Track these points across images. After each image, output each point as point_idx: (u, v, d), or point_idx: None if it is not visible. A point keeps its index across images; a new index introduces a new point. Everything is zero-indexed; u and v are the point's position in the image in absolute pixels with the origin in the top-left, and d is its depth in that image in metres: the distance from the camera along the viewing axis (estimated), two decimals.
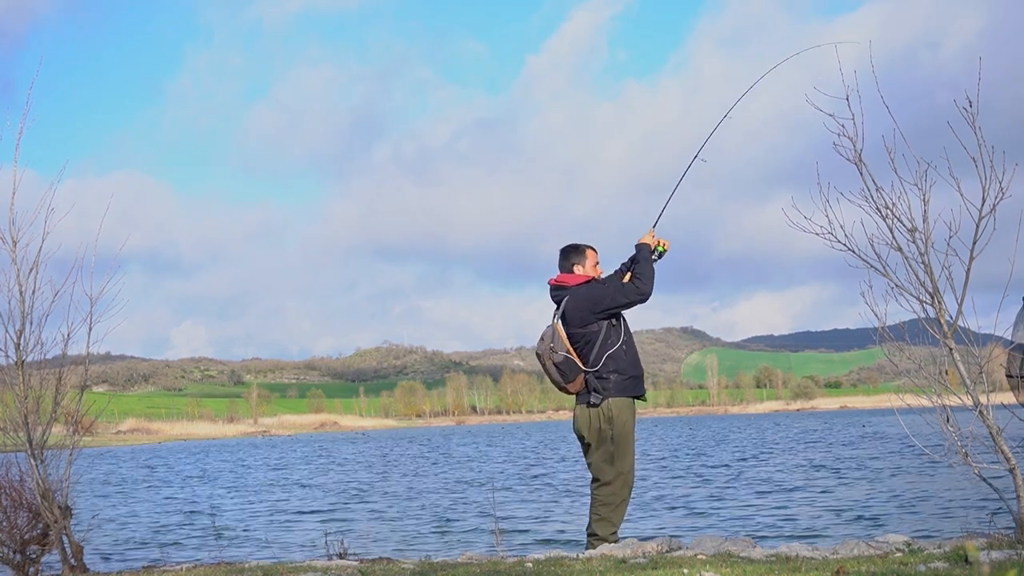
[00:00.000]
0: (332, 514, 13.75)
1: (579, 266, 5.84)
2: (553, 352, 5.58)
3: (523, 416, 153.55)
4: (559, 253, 5.95)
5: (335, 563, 5.55)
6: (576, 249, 5.91)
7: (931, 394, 4.83)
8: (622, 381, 5.58)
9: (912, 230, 4.75)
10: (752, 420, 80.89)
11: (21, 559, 5.56)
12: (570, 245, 5.94)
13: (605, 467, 5.56)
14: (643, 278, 5.69)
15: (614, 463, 5.56)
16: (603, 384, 5.56)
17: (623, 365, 5.60)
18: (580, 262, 5.85)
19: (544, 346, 5.65)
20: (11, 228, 5.63)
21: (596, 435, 5.57)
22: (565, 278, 5.82)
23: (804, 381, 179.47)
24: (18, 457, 5.67)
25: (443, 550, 8.98)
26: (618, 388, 5.56)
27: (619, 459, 5.57)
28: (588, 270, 5.84)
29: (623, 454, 5.58)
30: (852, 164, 4.90)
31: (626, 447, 5.59)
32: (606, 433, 5.54)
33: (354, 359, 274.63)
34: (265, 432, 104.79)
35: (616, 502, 5.56)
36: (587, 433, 5.62)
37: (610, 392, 5.55)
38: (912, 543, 4.89)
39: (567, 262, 5.88)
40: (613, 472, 5.55)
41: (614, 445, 5.55)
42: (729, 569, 4.22)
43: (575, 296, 5.67)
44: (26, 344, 5.64)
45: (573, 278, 5.79)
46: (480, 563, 5.11)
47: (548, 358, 5.61)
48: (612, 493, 5.56)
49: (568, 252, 5.91)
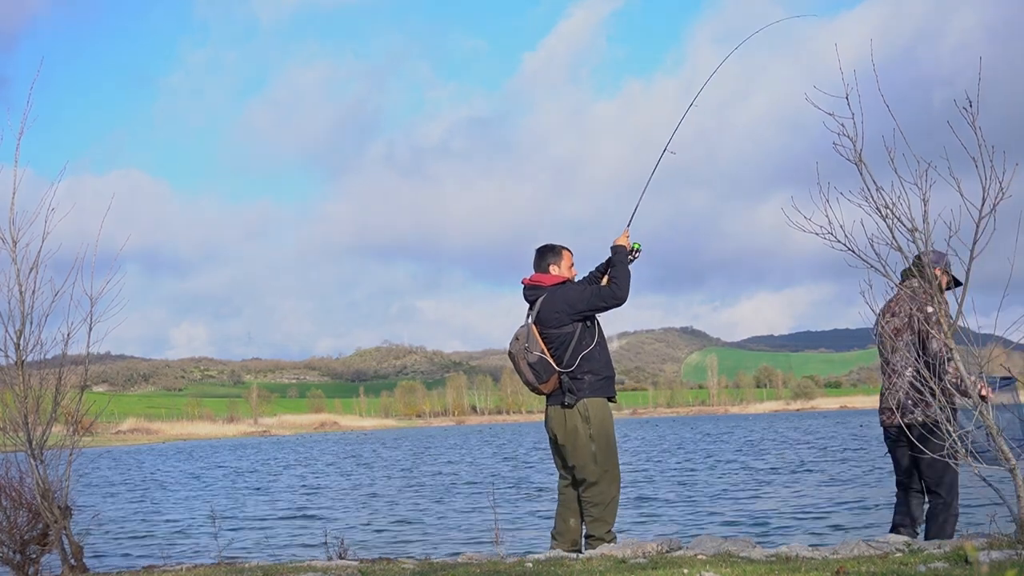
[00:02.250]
0: (332, 514, 13.75)
1: (555, 266, 5.82)
2: (527, 352, 5.57)
3: (523, 416, 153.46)
4: (535, 253, 5.92)
5: (335, 563, 5.54)
6: (552, 249, 5.89)
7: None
8: (596, 381, 5.57)
9: (912, 230, 4.75)
10: (752, 420, 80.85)
11: (21, 559, 5.56)
12: (546, 245, 5.92)
13: (590, 467, 5.54)
14: (619, 282, 5.66)
15: (598, 462, 5.54)
16: (577, 384, 5.54)
17: (597, 366, 5.60)
18: (556, 262, 5.83)
19: (519, 346, 5.63)
20: (11, 228, 5.63)
21: (572, 435, 5.56)
22: (540, 278, 5.79)
23: (804, 381, 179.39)
24: (18, 457, 5.67)
25: (443, 550, 8.98)
26: (592, 388, 5.56)
27: (603, 458, 5.55)
28: (563, 271, 5.82)
29: (606, 453, 5.57)
30: (852, 164, 4.90)
31: (608, 445, 5.59)
32: (583, 432, 5.53)
33: (354, 359, 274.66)
34: (265, 432, 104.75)
35: (606, 501, 5.55)
36: (560, 433, 5.61)
37: (584, 393, 5.54)
38: (912, 543, 4.89)
39: (543, 262, 5.85)
40: (598, 471, 5.54)
41: (595, 444, 5.54)
42: (729, 569, 4.22)
43: (552, 297, 5.65)
44: (26, 344, 5.64)
45: (549, 278, 5.76)
46: (480, 563, 5.11)
47: (522, 358, 5.60)
48: (601, 492, 5.55)
49: (544, 252, 5.89)
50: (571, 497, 5.74)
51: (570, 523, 5.71)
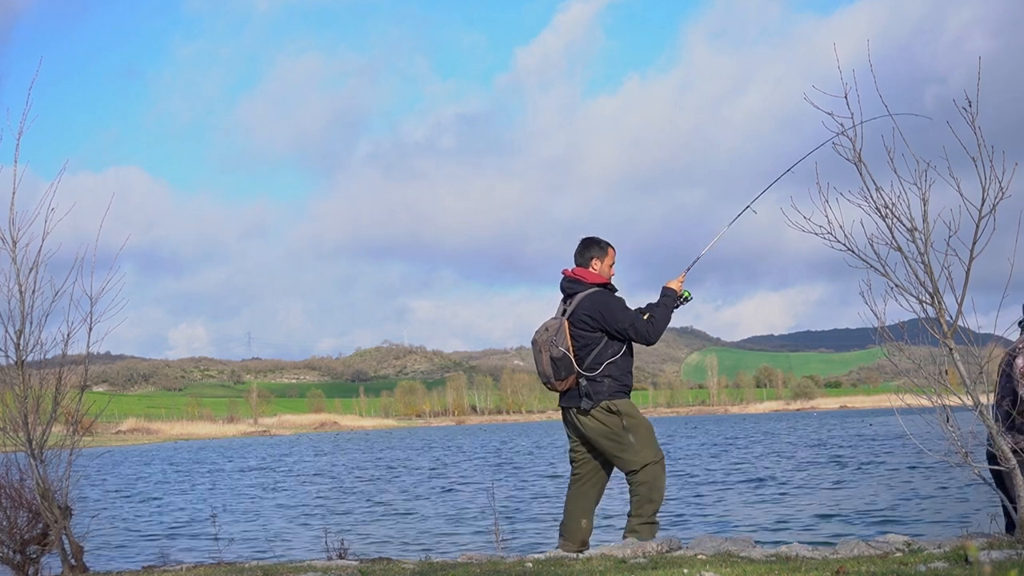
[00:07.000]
0: (332, 514, 13.74)
1: (597, 261, 5.70)
2: (553, 345, 5.49)
3: (523, 416, 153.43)
4: (579, 243, 5.77)
5: (335, 563, 5.54)
6: (598, 244, 5.74)
7: (931, 394, 4.83)
8: (614, 386, 5.52)
9: (912, 230, 4.75)
10: (751, 420, 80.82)
11: (21, 559, 5.55)
12: (592, 238, 5.77)
13: (632, 458, 5.47)
14: (657, 324, 5.58)
15: (638, 451, 5.47)
16: (596, 388, 5.49)
17: (618, 373, 5.55)
18: (599, 257, 5.70)
19: (546, 336, 5.54)
20: (11, 228, 5.63)
21: (605, 432, 5.49)
22: (583, 273, 5.66)
23: (804, 381, 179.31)
24: (18, 457, 5.67)
25: (443, 550, 8.98)
26: (610, 393, 5.50)
27: (642, 445, 5.48)
28: (604, 269, 5.70)
29: (646, 439, 5.50)
30: (851, 164, 4.90)
31: (645, 431, 5.52)
32: (617, 427, 5.47)
33: (354, 359, 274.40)
34: (265, 432, 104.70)
35: (652, 479, 5.46)
36: (592, 433, 5.54)
37: (603, 396, 5.49)
38: (912, 543, 4.89)
39: (586, 254, 5.72)
40: (641, 459, 5.46)
41: (631, 434, 5.47)
42: (729, 569, 4.22)
43: (591, 300, 5.54)
44: (26, 344, 5.63)
45: (590, 276, 5.64)
46: (480, 563, 5.11)
47: (546, 349, 5.52)
48: (647, 473, 5.46)
49: (589, 244, 5.74)
50: (585, 497, 5.66)
51: (581, 523, 5.63)
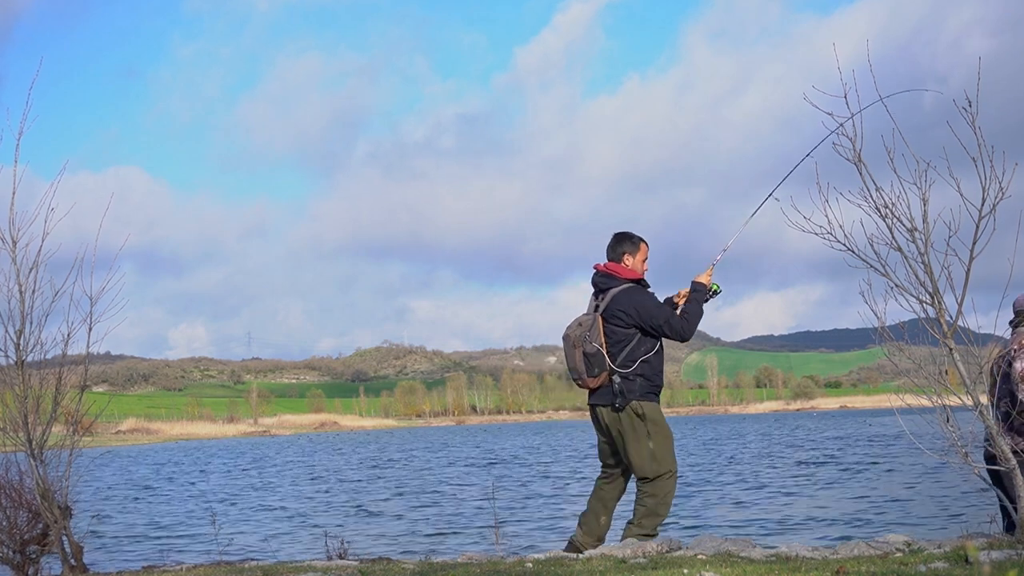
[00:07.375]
0: (332, 514, 13.75)
1: (629, 256, 5.66)
2: (587, 341, 5.44)
3: (523, 416, 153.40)
4: (611, 238, 5.73)
5: (335, 563, 5.54)
6: (630, 239, 5.69)
7: (931, 394, 4.83)
8: (646, 385, 5.49)
9: (912, 230, 4.75)
10: (751, 420, 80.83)
11: (21, 559, 5.56)
12: (624, 233, 5.72)
13: (648, 464, 5.45)
14: (690, 319, 5.54)
15: (656, 459, 5.45)
16: (628, 386, 5.43)
17: (650, 372, 5.51)
18: (632, 252, 5.66)
19: (580, 332, 5.48)
20: (11, 228, 5.63)
21: (629, 434, 5.47)
22: (616, 268, 5.61)
23: (804, 381, 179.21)
24: (18, 457, 5.67)
25: (443, 550, 8.98)
26: (643, 392, 5.47)
27: (661, 454, 5.47)
28: (636, 264, 5.66)
29: (664, 449, 5.49)
30: (851, 163, 4.90)
31: (666, 442, 5.51)
32: (641, 431, 5.45)
33: (354, 359, 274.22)
34: (265, 432, 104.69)
35: (661, 493, 5.46)
36: (616, 431, 5.52)
37: (635, 395, 5.45)
38: (912, 543, 4.89)
39: (618, 249, 5.68)
40: (656, 468, 5.45)
41: (652, 441, 5.45)
42: (729, 569, 4.22)
43: (625, 296, 5.50)
44: (26, 344, 5.64)
45: (624, 271, 5.59)
46: (480, 563, 5.11)
47: (579, 345, 5.47)
48: (657, 486, 5.46)
49: (621, 239, 5.70)
50: (609, 495, 5.68)
51: (601, 520, 5.64)
